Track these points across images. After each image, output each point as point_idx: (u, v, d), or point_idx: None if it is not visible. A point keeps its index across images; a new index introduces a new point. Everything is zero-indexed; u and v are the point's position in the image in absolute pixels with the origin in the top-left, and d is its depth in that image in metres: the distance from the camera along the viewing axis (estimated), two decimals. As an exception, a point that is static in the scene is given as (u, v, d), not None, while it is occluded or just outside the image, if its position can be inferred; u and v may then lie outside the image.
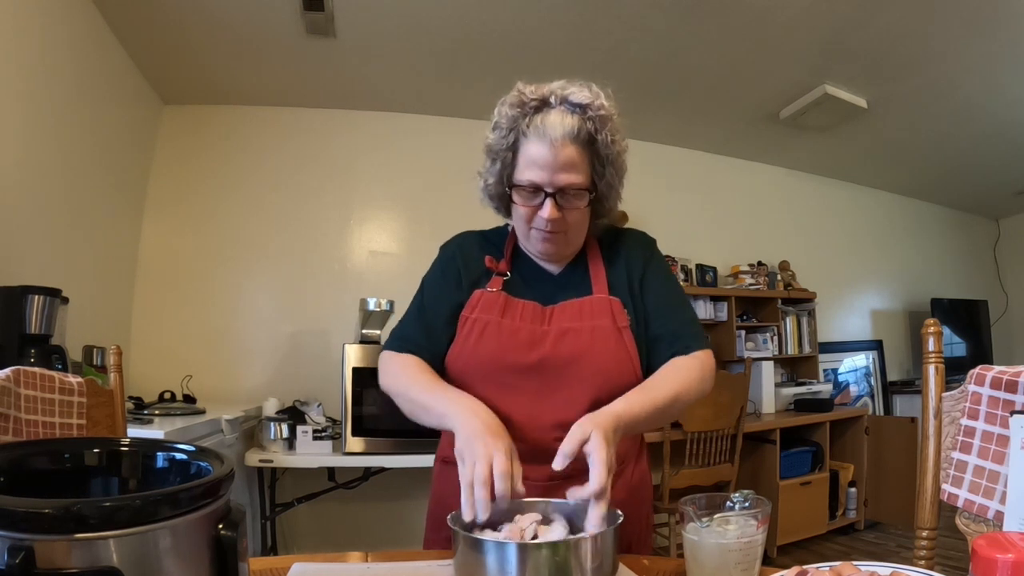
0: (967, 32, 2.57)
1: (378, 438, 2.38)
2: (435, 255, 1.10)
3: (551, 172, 0.92)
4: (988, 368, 0.81)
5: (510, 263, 1.04)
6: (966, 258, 5.24)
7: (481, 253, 1.04)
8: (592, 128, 0.92)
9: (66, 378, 1.02)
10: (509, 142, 0.95)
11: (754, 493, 0.74)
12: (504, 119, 0.95)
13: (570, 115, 0.92)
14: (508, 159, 0.96)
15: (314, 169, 3.20)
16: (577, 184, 0.93)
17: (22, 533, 0.39)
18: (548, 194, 0.92)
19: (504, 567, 0.64)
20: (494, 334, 0.96)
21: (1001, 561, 0.46)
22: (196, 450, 0.58)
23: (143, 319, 2.89)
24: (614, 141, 0.95)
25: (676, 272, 3.67)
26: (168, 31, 2.48)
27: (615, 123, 0.94)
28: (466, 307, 0.99)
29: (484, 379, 0.95)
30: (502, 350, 0.95)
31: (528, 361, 0.94)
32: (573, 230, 0.98)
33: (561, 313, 0.98)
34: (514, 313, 0.97)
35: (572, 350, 0.94)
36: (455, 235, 1.11)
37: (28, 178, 1.95)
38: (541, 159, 0.92)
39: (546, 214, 0.93)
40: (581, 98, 0.92)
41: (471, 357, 0.96)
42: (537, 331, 0.96)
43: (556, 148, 0.91)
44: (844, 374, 4.42)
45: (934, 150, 3.97)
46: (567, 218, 0.95)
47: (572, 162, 0.92)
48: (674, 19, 2.50)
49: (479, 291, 1.00)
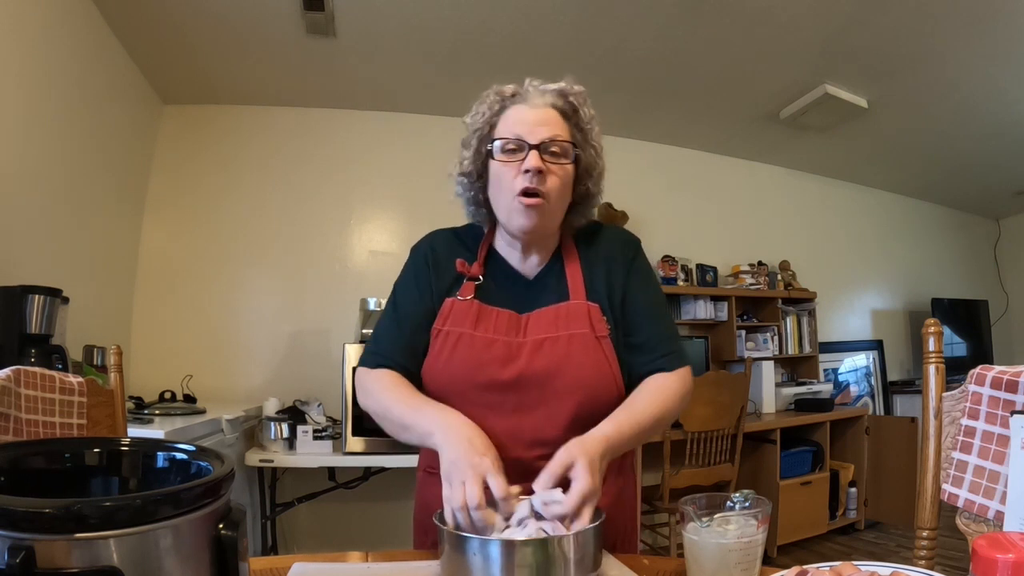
0: (967, 32, 2.57)
1: (378, 438, 2.37)
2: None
3: (533, 126, 0.92)
4: (988, 368, 0.81)
5: (483, 265, 0.99)
6: (966, 258, 5.24)
7: (453, 255, 0.99)
8: (572, 101, 0.95)
9: (66, 378, 1.02)
10: (487, 118, 0.96)
11: (754, 493, 0.74)
12: (482, 106, 0.97)
13: (548, 94, 0.95)
14: (486, 131, 0.96)
15: (314, 169, 3.20)
16: (560, 137, 0.93)
17: (22, 533, 0.39)
18: (532, 146, 0.90)
19: (488, 564, 0.65)
20: (467, 347, 0.92)
21: (1001, 561, 0.45)
22: (196, 450, 0.58)
23: (143, 319, 2.89)
24: (593, 118, 0.97)
25: (676, 272, 3.67)
26: (168, 31, 2.48)
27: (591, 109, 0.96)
28: (438, 318, 0.95)
29: (460, 397, 0.91)
30: (477, 365, 0.91)
31: (504, 378, 0.90)
32: (555, 196, 0.93)
33: (537, 321, 0.94)
34: (488, 324, 0.93)
35: (550, 362, 0.91)
36: (426, 235, 1.06)
37: (28, 178, 1.95)
38: (522, 117, 0.93)
39: (531, 163, 0.89)
40: (556, 85, 0.95)
41: (444, 373, 0.92)
42: (513, 343, 0.92)
43: (537, 109, 0.93)
44: (844, 374, 4.42)
45: (934, 150, 3.97)
46: (549, 181, 0.91)
47: (554, 120, 0.93)
48: (674, 19, 2.50)
49: (450, 300, 0.95)
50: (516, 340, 0.92)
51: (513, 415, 0.91)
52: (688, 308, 3.71)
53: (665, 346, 0.96)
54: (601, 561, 0.73)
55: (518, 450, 0.90)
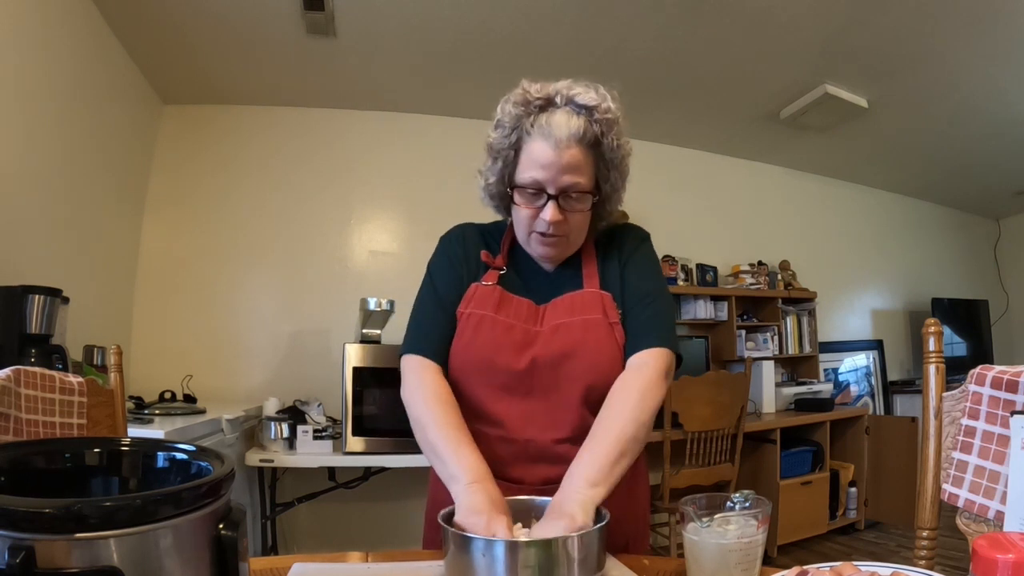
0: (967, 32, 2.57)
1: (378, 438, 2.38)
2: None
3: (555, 173, 0.89)
4: (988, 368, 0.81)
5: (507, 258, 1.03)
6: (966, 258, 5.24)
7: (479, 246, 1.03)
8: (598, 131, 0.90)
9: (66, 378, 1.02)
10: (512, 140, 0.93)
11: (754, 493, 0.74)
12: (508, 117, 0.92)
13: (576, 116, 0.89)
14: (510, 157, 0.94)
15: (314, 169, 3.20)
16: (581, 186, 0.91)
17: (22, 533, 0.39)
18: (551, 196, 0.90)
19: (493, 564, 0.65)
20: (488, 329, 0.94)
21: (1001, 561, 0.45)
22: (196, 450, 0.58)
23: (143, 319, 2.89)
24: (619, 145, 0.93)
25: (676, 272, 3.67)
26: (168, 31, 2.48)
27: (621, 126, 0.92)
28: (462, 301, 0.98)
29: (478, 379, 0.94)
30: (495, 349, 0.93)
31: (521, 363, 0.93)
32: (574, 233, 0.96)
33: (554, 310, 0.97)
34: (508, 309, 0.96)
35: (564, 345, 0.93)
36: (454, 226, 1.09)
37: (28, 178, 1.95)
38: (545, 159, 0.89)
39: (548, 216, 0.91)
40: (588, 100, 0.89)
41: (465, 354, 0.95)
42: (531, 331, 0.95)
43: (560, 149, 0.88)
44: (844, 374, 4.42)
45: (934, 150, 3.97)
46: (569, 221, 0.93)
47: (576, 164, 0.90)
48: (674, 19, 2.50)
49: (475, 284, 0.99)
50: (534, 328, 0.95)
51: (527, 398, 0.94)
52: (688, 308, 3.71)
53: (645, 328, 0.95)
54: (605, 562, 0.73)
55: (531, 432, 0.93)
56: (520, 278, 1.02)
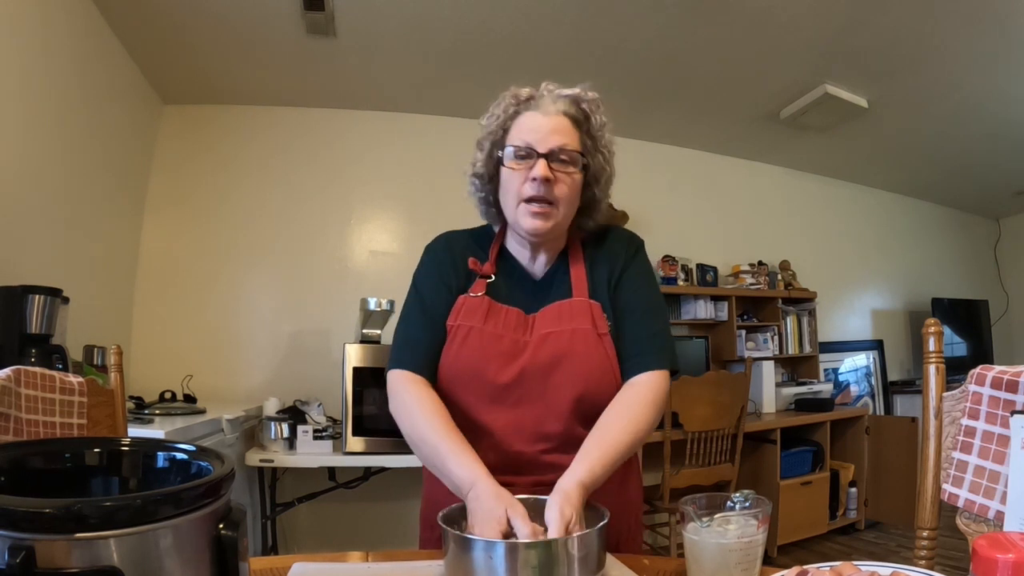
0: (968, 31, 2.57)
1: (379, 438, 2.38)
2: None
3: (544, 134, 0.93)
4: (988, 368, 0.81)
5: (495, 265, 1.02)
6: (966, 258, 5.24)
7: (466, 253, 1.02)
8: (585, 109, 0.97)
9: (67, 378, 1.02)
10: (501, 121, 0.97)
11: (754, 493, 0.74)
12: (497, 109, 0.98)
13: (562, 99, 0.96)
14: (499, 135, 0.98)
15: (314, 169, 3.20)
16: (569, 146, 0.94)
17: (22, 533, 0.39)
18: (540, 154, 0.93)
19: (493, 565, 0.65)
20: (476, 341, 0.94)
21: (1002, 561, 0.45)
22: (196, 450, 0.58)
23: (143, 319, 2.89)
24: (604, 125, 0.98)
25: (676, 272, 3.67)
26: (168, 31, 2.48)
27: (604, 115, 0.98)
28: (451, 314, 0.98)
29: (466, 390, 0.94)
30: (483, 360, 0.93)
31: (509, 373, 0.93)
32: (563, 204, 0.95)
33: (542, 319, 0.97)
34: (497, 320, 0.96)
35: (553, 353, 0.93)
36: (439, 235, 1.08)
37: (28, 178, 1.95)
38: (534, 124, 0.95)
39: (538, 172, 0.91)
40: (571, 90, 0.97)
41: (453, 366, 0.95)
42: (520, 341, 0.95)
43: (550, 116, 0.95)
44: (844, 374, 4.42)
45: (934, 150, 3.97)
46: (558, 187, 0.94)
47: (565, 129, 0.95)
48: (674, 19, 2.50)
49: (463, 296, 0.98)
50: (523, 338, 0.95)
51: (516, 408, 0.93)
52: (688, 308, 3.71)
53: (646, 346, 0.96)
54: (605, 562, 0.73)
55: (520, 443, 0.93)
56: (508, 286, 1.01)
